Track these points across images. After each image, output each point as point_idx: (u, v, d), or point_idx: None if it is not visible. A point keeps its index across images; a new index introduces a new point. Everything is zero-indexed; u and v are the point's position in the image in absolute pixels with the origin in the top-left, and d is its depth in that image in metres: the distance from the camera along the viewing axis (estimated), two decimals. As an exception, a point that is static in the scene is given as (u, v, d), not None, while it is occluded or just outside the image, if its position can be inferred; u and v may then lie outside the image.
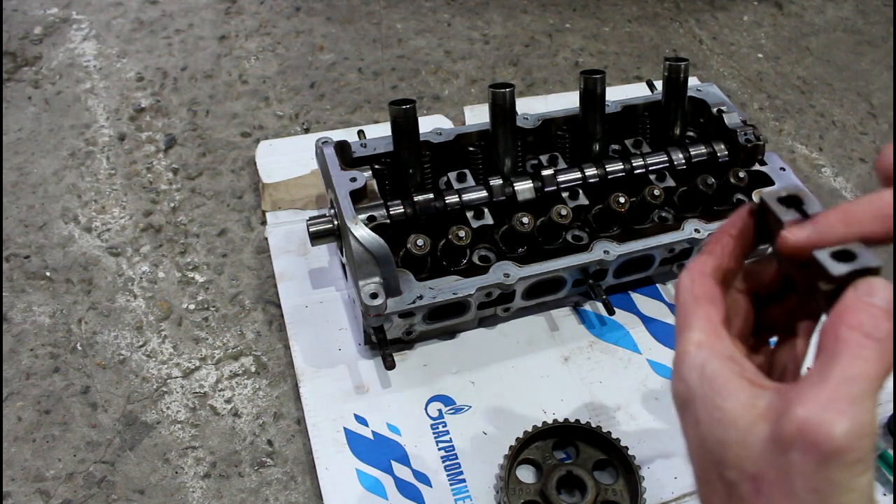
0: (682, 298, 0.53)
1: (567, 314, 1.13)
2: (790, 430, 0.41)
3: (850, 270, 0.46)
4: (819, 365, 0.43)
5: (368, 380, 1.04)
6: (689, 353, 0.49)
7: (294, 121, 1.45)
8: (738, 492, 0.45)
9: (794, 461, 0.41)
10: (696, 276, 0.54)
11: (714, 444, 0.46)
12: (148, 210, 1.27)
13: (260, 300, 1.14)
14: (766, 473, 0.43)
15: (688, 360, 0.49)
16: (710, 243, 0.57)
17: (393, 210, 1.04)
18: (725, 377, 0.47)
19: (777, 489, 0.42)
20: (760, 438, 0.44)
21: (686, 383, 0.49)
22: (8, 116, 1.41)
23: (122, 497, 0.94)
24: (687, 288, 0.54)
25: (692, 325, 0.51)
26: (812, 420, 0.41)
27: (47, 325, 1.10)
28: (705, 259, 0.56)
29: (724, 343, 0.50)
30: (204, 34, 1.62)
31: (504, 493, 0.89)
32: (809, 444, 0.40)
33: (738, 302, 0.58)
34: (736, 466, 0.45)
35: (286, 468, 0.97)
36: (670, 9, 1.82)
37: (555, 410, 1.01)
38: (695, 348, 0.49)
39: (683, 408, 0.49)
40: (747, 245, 0.56)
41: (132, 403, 1.02)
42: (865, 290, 0.45)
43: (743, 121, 1.17)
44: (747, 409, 0.45)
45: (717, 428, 0.46)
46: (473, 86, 1.55)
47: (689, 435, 0.49)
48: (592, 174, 1.12)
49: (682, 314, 0.53)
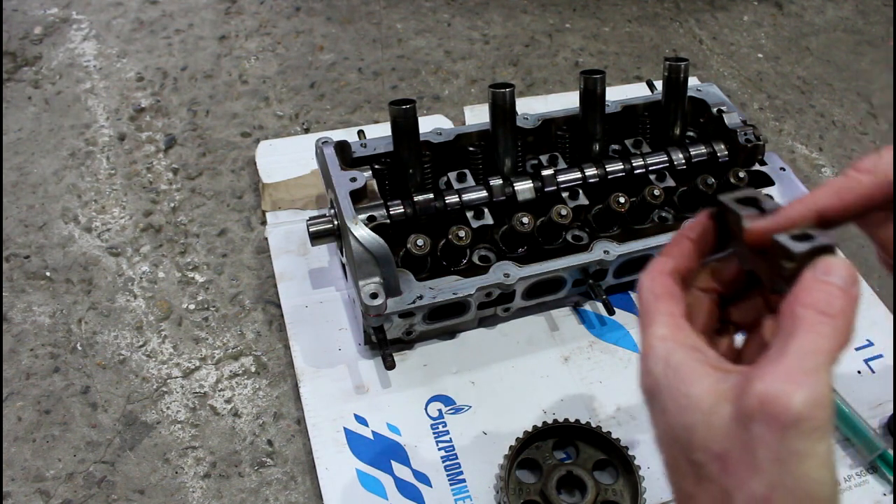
0: (644, 297, 0.56)
1: (567, 314, 1.13)
2: (751, 404, 0.43)
3: (811, 248, 0.49)
4: (777, 343, 0.46)
5: (368, 380, 1.04)
6: (654, 346, 0.51)
7: (294, 121, 1.45)
8: (707, 472, 0.46)
9: (756, 434, 0.43)
10: (655, 275, 0.57)
11: (681, 429, 0.48)
12: (148, 210, 1.27)
13: (260, 300, 1.14)
14: (732, 451, 0.45)
15: (652, 353, 0.51)
16: (670, 245, 0.60)
17: (393, 210, 1.04)
18: (689, 365, 0.49)
19: (742, 464, 0.44)
20: (725, 418, 0.45)
21: (652, 375, 0.51)
22: (8, 116, 1.41)
23: (122, 497, 0.94)
24: (647, 287, 0.56)
25: (655, 321, 0.53)
26: (771, 393, 0.43)
27: (47, 325, 1.10)
28: (665, 260, 0.58)
29: (686, 334, 0.52)
30: (204, 34, 1.62)
31: (504, 493, 0.89)
32: (770, 416, 0.42)
33: (701, 300, 0.60)
34: (703, 448, 0.46)
35: (286, 468, 0.97)
36: (670, 9, 1.82)
37: (555, 410, 1.01)
38: (659, 341, 0.51)
39: (651, 399, 0.52)
40: (706, 247, 0.59)
41: (132, 403, 1.02)
42: (823, 269, 0.47)
43: (743, 121, 1.17)
44: (712, 392, 0.47)
45: (684, 414, 0.48)
46: (473, 86, 1.55)
47: (658, 424, 0.51)
48: (592, 174, 1.12)
49: (645, 312, 0.55)
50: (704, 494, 0.47)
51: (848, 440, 0.99)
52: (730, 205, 0.56)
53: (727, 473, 0.45)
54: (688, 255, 0.58)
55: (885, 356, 1.10)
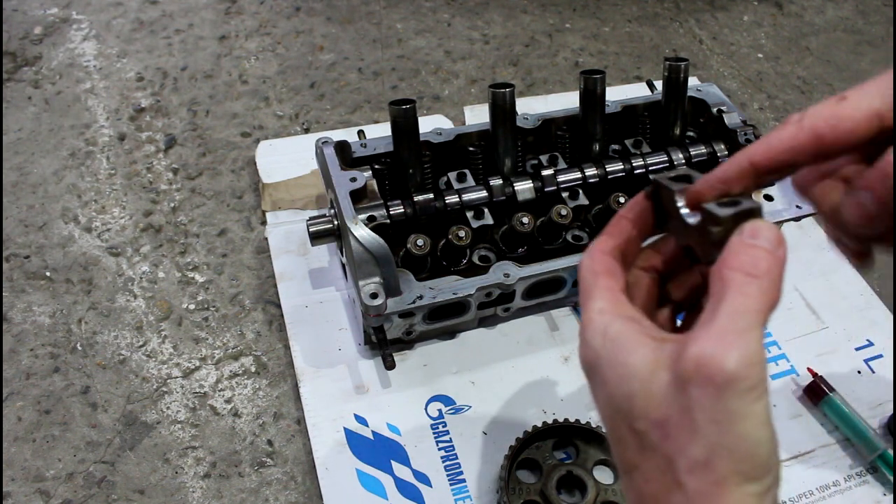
0: (583, 275, 0.57)
1: (567, 314, 1.13)
2: (687, 368, 0.44)
3: (736, 211, 0.50)
4: (708, 307, 0.47)
5: (368, 380, 1.04)
6: (592, 319, 0.52)
7: (294, 121, 1.45)
8: (648, 441, 0.47)
9: (693, 397, 0.44)
10: (595, 254, 0.58)
11: (621, 399, 0.48)
12: (148, 210, 1.27)
13: (260, 300, 1.15)
14: (671, 416, 0.45)
15: (591, 326, 0.52)
16: (610, 226, 0.61)
17: (393, 210, 1.04)
18: (627, 336, 0.50)
19: (681, 428, 0.44)
20: (663, 385, 0.46)
21: (591, 348, 0.51)
22: (8, 116, 1.41)
23: (122, 497, 0.94)
24: (587, 266, 0.57)
25: (594, 296, 0.54)
26: (705, 355, 0.43)
27: (47, 325, 1.10)
28: (604, 239, 0.59)
29: (624, 307, 0.53)
30: (204, 34, 1.62)
31: (504, 493, 0.89)
32: (704, 378, 0.43)
33: (641, 278, 0.61)
34: (643, 416, 0.47)
35: (286, 468, 0.97)
36: (670, 9, 1.82)
37: (555, 410, 1.01)
38: (597, 314, 0.52)
39: (591, 372, 0.52)
40: (644, 227, 0.60)
41: (132, 403, 1.02)
42: (749, 232, 0.48)
43: (743, 121, 1.17)
44: (650, 360, 0.48)
45: (623, 383, 0.48)
46: (473, 86, 1.55)
47: (599, 397, 0.52)
48: (592, 174, 1.12)
49: (584, 288, 0.56)
50: (647, 463, 0.47)
51: (848, 440, 0.99)
52: (664, 182, 0.57)
53: (668, 439, 0.45)
54: (626, 235, 0.59)
55: (885, 356, 1.10)
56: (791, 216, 1.08)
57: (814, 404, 1.02)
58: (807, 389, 1.03)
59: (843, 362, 1.09)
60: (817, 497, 0.95)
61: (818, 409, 1.02)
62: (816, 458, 0.98)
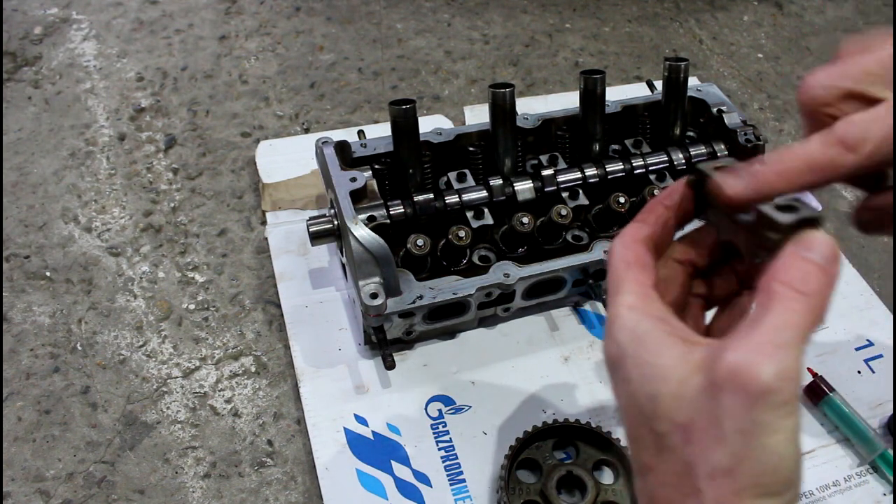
0: (614, 264, 0.55)
1: (567, 314, 1.13)
2: (721, 374, 0.43)
3: (796, 219, 0.47)
4: (751, 317, 0.46)
5: (368, 380, 1.04)
6: (621, 315, 0.51)
7: (294, 121, 1.45)
8: (668, 442, 0.46)
9: (724, 404, 0.43)
10: (627, 242, 0.56)
11: (645, 399, 0.47)
12: (148, 210, 1.27)
13: (260, 300, 1.15)
14: (697, 421, 0.44)
15: (619, 321, 0.51)
16: (644, 212, 0.58)
17: (393, 210, 1.04)
18: (657, 336, 0.49)
19: (707, 434, 0.44)
20: (693, 388, 0.45)
21: (617, 344, 0.50)
22: (8, 116, 1.41)
23: (122, 497, 0.94)
24: (619, 254, 0.55)
25: (623, 289, 0.52)
26: (741, 363, 0.43)
27: (47, 325, 1.10)
28: (639, 227, 0.57)
29: (655, 305, 0.51)
30: (204, 34, 1.62)
31: (504, 493, 0.89)
32: (738, 386, 0.42)
33: (675, 272, 0.59)
34: (667, 418, 0.46)
35: (286, 468, 0.97)
36: (670, 9, 1.82)
37: (555, 410, 1.01)
38: (626, 310, 0.51)
39: (615, 368, 0.51)
40: (682, 216, 0.58)
41: (132, 403, 1.02)
42: (805, 244, 0.46)
43: (743, 121, 1.17)
44: (680, 363, 0.47)
45: (649, 383, 0.47)
46: (473, 86, 1.55)
47: (620, 394, 0.51)
48: (592, 174, 1.12)
49: (614, 279, 0.54)
50: (664, 465, 0.46)
51: (848, 440, 0.99)
52: (709, 172, 0.55)
53: (690, 444, 0.45)
54: (662, 224, 0.57)
55: (885, 356, 1.10)
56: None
57: (814, 404, 1.02)
58: (807, 389, 1.03)
59: (843, 362, 1.09)
60: (817, 497, 0.95)
61: (818, 409, 1.02)
62: (816, 458, 0.98)
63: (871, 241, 1.30)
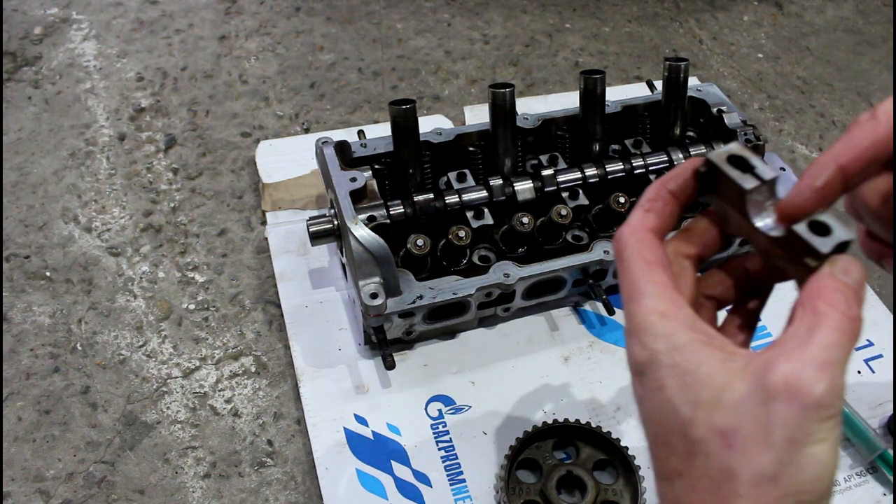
0: (631, 261, 0.53)
1: (567, 314, 1.13)
2: (776, 381, 0.45)
3: (835, 245, 0.49)
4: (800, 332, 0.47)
5: (368, 380, 1.04)
6: (653, 322, 0.50)
7: (294, 121, 1.45)
8: (704, 448, 0.46)
9: (775, 412, 0.44)
10: (641, 236, 0.54)
11: (682, 405, 0.47)
12: (148, 210, 1.27)
13: (260, 300, 1.15)
14: (741, 427, 0.45)
15: (652, 329, 0.50)
16: (651, 199, 0.56)
17: (393, 210, 1.04)
18: (695, 346, 0.49)
19: (752, 440, 0.45)
20: (737, 395, 0.46)
21: (650, 352, 0.49)
22: (8, 116, 1.41)
23: (122, 497, 0.94)
24: (635, 250, 0.53)
25: (648, 293, 0.51)
26: (797, 375, 0.44)
27: (47, 325, 1.10)
28: (648, 218, 0.55)
29: (685, 312, 0.51)
30: (204, 34, 1.62)
31: (504, 493, 0.89)
32: (792, 396, 0.44)
33: (685, 270, 0.58)
34: (705, 424, 0.46)
35: (286, 468, 0.97)
36: (670, 9, 1.82)
37: (555, 410, 1.01)
38: (658, 318, 0.50)
39: (644, 374, 0.50)
40: (685, 203, 0.57)
41: (132, 403, 1.02)
42: (841, 268, 0.48)
43: (743, 121, 1.17)
44: (720, 371, 0.47)
45: (688, 390, 0.47)
46: (473, 86, 1.55)
47: (648, 399, 0.50)
48: (592, 174, 1.12)
49: (634, 279, 0.52)
50: (697, 471, 0.47)
51: (848, 440, 0.99)
52: (725, 169, 0.53)
53: (732, 450, 0.45)
54: (670, 214, 0.56)
55: (885, 356, 1.10)
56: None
57: (814, 404, 1.02)
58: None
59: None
60: (817, 497, 0.95)
61: (818, 409, 1.02)
62: (816, 458, 0.98)
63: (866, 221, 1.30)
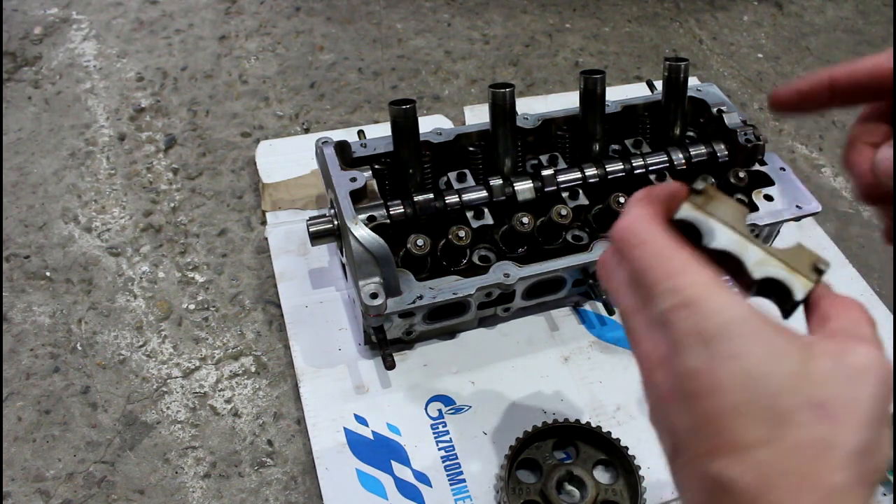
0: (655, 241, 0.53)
1: (567, 314, 1.13)
2: (863, 362, 0.49)
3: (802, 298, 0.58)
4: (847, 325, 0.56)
5: (368, 380, 1.04)
6: (715, 292, 0.50)
7: (294, 121, 1.45)
8: (798, 418, 0.48)
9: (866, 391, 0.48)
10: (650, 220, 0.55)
11: (764, 373, 0.49)
12: (148, 210, 1.27)
13: (260, 300, 1.15)
14: (835, 400, 0.48)
15: (716, 297, 0.50)
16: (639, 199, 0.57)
17: (393, 210, 1.04)
18: (762, 321, 0.50)
19: (848, 414, 0.47)
20: (824, 370, 0.49)
21: (722, 317, 0.49)
22: (8, 116, 1.41)
23: (122, 497, 0.94)
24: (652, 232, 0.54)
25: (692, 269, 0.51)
26: (879, 358, 0.49)
27: (47, 325, 1.10)
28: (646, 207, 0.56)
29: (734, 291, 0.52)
30: (204, 34, 1.62)
31: (504, 493, 0.89)
32: (881, 379, 0.48)
33: None
34: (798, 394, 0.48)
35: (286, 468, 0.97)
36: (670, 9, 1.82)
37: (555, 410, 1.01)
38: (717, 287, 0.50)
39: (710, 343, 0.49)
40: None
41: (132, 403, 1.02)
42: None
43: (743, 121, 1.17)
44: (798, 345, 0.49)
45: (773, 359, 0.49)
46: (473, 86, 1.55)
47: (719, 368, 0.49)
48: (592, 174, 1.12)
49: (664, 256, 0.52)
50: (787, 440, 0.48)
51: (848, 440, 0.99)
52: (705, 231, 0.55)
53: (830, 420, 0.47)
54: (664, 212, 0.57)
55: (885, 356, 1.09)
56: (791, 216, 1.08)
57: (814, 404, 1.02)
58: (807, 389, 1.03)
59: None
60: (817, 497, 0.95)
61: (818, 409, 1.02)
62: (816, 458, 0.98)
63: (871, 241, 1.30)
